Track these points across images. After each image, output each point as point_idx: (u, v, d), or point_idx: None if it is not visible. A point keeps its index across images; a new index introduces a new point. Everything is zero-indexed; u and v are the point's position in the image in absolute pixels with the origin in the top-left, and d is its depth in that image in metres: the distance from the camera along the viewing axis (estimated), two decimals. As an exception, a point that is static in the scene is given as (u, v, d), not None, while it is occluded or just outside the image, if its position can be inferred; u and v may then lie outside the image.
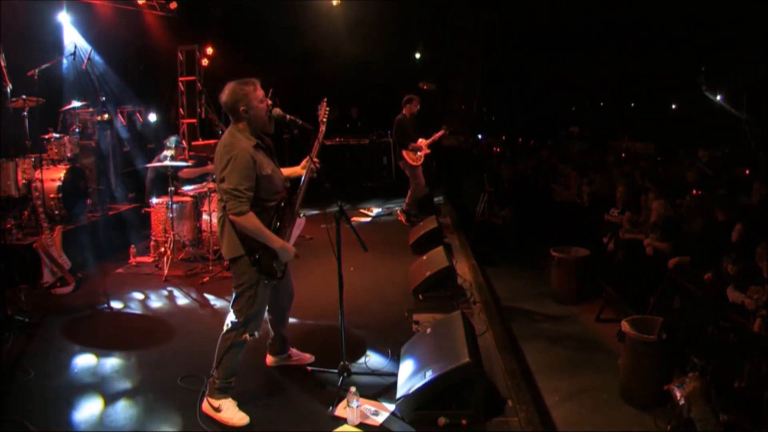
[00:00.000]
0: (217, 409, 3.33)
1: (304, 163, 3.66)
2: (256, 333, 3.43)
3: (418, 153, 7.97)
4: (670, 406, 3.92)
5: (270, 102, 3.36)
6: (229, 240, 3.27)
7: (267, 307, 3.62)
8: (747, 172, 8.47)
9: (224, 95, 3.26)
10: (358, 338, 4.31)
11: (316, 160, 3.56)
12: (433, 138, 8.10)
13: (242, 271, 3.29)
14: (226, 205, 3.15)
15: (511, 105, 17.39)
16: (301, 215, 3.56)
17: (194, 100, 10.28)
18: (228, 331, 3.36)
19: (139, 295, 5.47)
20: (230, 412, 3.33)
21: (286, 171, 3.60)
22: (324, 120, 3.73)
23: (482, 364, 3.52)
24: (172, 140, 7.14)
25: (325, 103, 3.72)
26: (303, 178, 3.58)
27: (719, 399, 3.61)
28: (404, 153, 8.00)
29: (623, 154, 11.88)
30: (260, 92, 3.30)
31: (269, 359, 4.00)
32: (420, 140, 8.04)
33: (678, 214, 6.87)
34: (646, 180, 8.37)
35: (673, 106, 16.25)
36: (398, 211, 8.43)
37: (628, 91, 16.06)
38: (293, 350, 4.04)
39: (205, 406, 3.38)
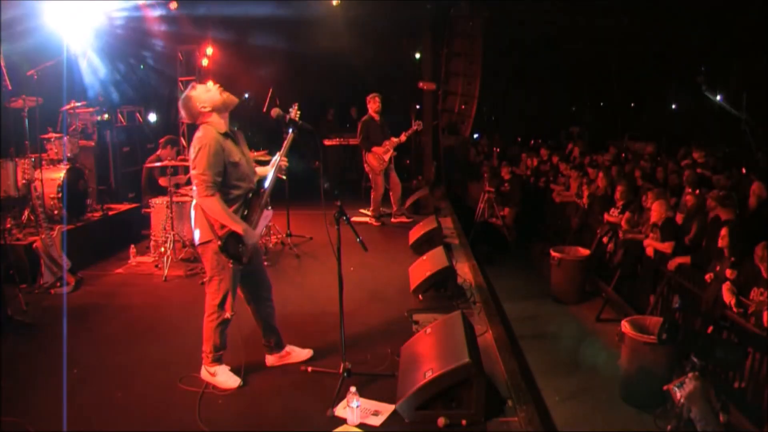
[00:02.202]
0: (213, 374, 3.71)
1: (272, 163, 3.82)
2: (233, 313, 3.70)
3: (383, 157, 7.92)
4: (670, 406, 3.92)
5: (218, 84, 3.62)
6: (200, 226, 3.52)
7: (247, 297, 3.85)
8: (744, 171, 8.47)
9: (183, 113, 3.57)
10: (358, 338, 4.31)
11: (284, 158, 3.77)
12: (404, 135, 8.01)
13: (210, 256, 3.54)
14: (195, 189, 3.40)
15: (511, 105, 17.38)
16: (269, 208, 3.75)
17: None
18: (209, 314, 3.66)
19: (139, 295, 5.47)
20: (224, 375, 3.72)
21: (258, 169, 3.79)
22: (296, 119, 3.89)
23: (482, 364, 3.52)
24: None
25: (296, 108, 3.89)
26: (271, 174, 3.73)
27: (719, 399, 3.61)
28: (367, 156, 7.97)
29: (623, 154, 11.87)
30: (201, 86, 3.57)
31: (268, 360, 4.01)
32: (391, 139, 7.98)
33: (680, 214, 6.88)
34: (646, 180, 8.37)
35: (673, 106, 16.24)
36: (370, 216, 8.34)
37: (628, 91, 16.05)
38: (290, 346, 4.07)
39: (203, 373, 3.75)
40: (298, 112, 3.83)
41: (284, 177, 3.81)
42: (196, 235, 3.56)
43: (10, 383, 3.77)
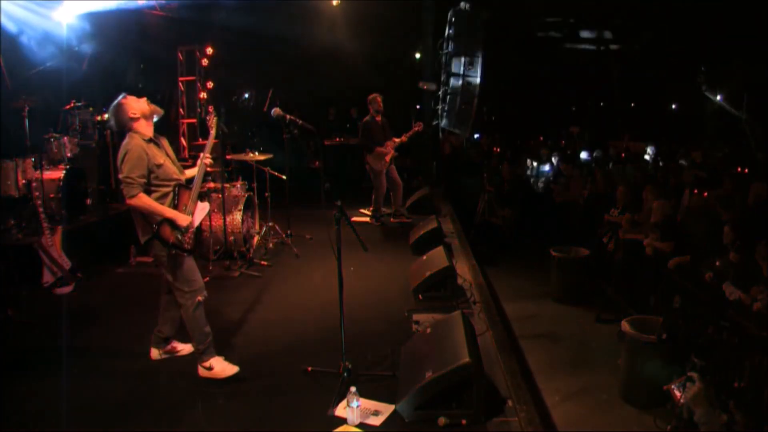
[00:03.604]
0: (209, 368, 3.82)
1: (198, 162, 4.09)
2: (205, 294, 3.87)
3: (384, 158, 7.92)
4: (670, 406, 3.92)
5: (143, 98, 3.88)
6: (140, 226, 3.80)
7: (166, 288, 3.98)
8: (746, 171, 8.47)
9: (112, 121, 3.82)
10: (358, 338, 4.31)
11: (208, 156, 4.05)
12: (405, 136, 8.02)
13: (157, 250, 3.76)
14: (123, 192, 3.66)
15: (511, 105, 17.37)
16: (205, 200, 4.04)
17: (194, 100, 10.28)
18: (184, 306, 3.81)
19: (138, 296, 5.46)
20: (220, 366, 3.84)
21: (189, 171, 4.07)
22: (212, 126, 4.26)
23: (482, 364, 3.52)
24: None
25: (212, 111, 4.29)
26: (198, 171, 4.02)
27: (719, 399, 3.61)
28: (368, 157, 7.97)
29: (623, 154, 11.87)
30: (131, 96, 3.85)
31: (153, 352, 4.13)
32: (393, 139, 7.98)
33: (680, 214, 6.88)
34: (646, 180, 8.37)
35: (673, 106, 16.24)
36: (370, 216, 8.35)
37: (628, 91, 16.05)
38: (176, 342, 4.19)
39: (201, 371, 3.85)
40: (216, 118, 4.21)
41: (209, 169, 4.16)
42: (139, 237, 3.82)
43: (10, 383, 3.78)
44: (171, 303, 4.01)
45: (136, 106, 3.78)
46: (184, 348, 4.18)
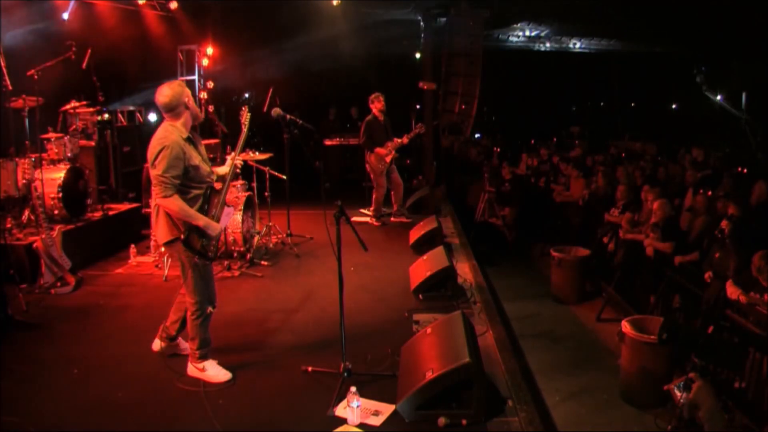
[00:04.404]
0: (202, 370, 3.79)
1: (229, 161, 3.99)
2: (214, 305, 3.83)
3: (385, 159, 7.93)
4: (670, 406, 3.93)
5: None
6: (162, 225, 3.62)
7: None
8: (745, 171, 8.47)
9: (164, 96, 3.58)
10: (358, 338, 4.30)
11: (239, 157, 3.95)
12: (406, 138, 8.02)
13: (179, 255, 3.66)
14: (154, 189, 3.50)
15: (511, 105, 17.38)
16: (230, 206, 3.92)
17: (194, 99, 10.26)
18: (192, 312, 3.74)
19: (139, 295, 5.47)
20: (213, 370, 3.80)
21: (216, 169, 3.94)
22: (246, 123, 4.08)
23: (482, 364, 3.52)
24: None
25: (246, 110, 4.08)
26: (229, 172, 3.91)
27: (719, 399, 3.61)
28: (369, 156, 7.97)
29: (623, 154, 11.87)
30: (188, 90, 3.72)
31: (156, 344, 4.12)
32: (394, 140, 7.99)
33: (684, 213, 6.88)
34: (646, 180, 8.37)
35: (673, 106, 16.25)
36: (370, 216, 8.35)
37: (628, 91, 16.06)
38: (181, 340, 4.15)
39: (191, 370, 3.82)
40: (249, 115, 4.05)
41: (239, 171, 3.99)
42: (160, 235, 3.67)
43: (10, 383, 3.77)
44: (183, 305, 3.94)
45: (188, 99, 3.64)
46: (187, 348, 4.12)
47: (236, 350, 4.24)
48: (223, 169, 3.96)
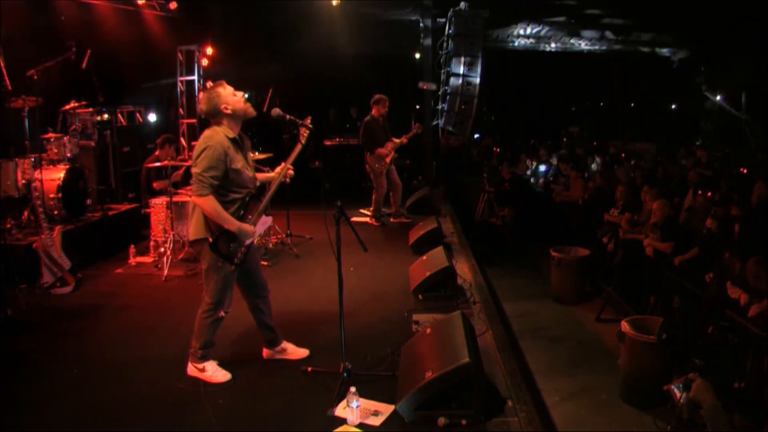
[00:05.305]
0: (202, 370, 3.79)
1: (278, 169, 3.91)
2: (228, 311, 3.80)
3: (385, 159, 7.93)
4: (670, 406, 3.92)
5: (244, 93, 3.71)
6: (194, 223, 3.62)
7: (243, 295, 3.93)
8: (745, 171, 8.48)
9: (201, 104, 3.64)
10: (358, 338, 4.31)
11: (290, 167, 3.85)
12: (405, 138, 8.02)
13: (205, 254, 3.63)
14: (192, 187, 3.51)
15: (511, 105, 17.37)
16: (269, 215, 3.90)
17: (194, 100, 10.27)
18: (204, 311, 3.73)
19: (138, 296, 5.47)
20: (213, 371, 3.80)
21: (261, 175, 3.91)
22: (305, 135, 3.94)
23: (482, 364, 3.52)
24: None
25: (309, 121, 3.92)
26: (274, 180, 3.84)
27: (719, 399, 3.61)
28: (369, 157, 7.97)
29: (623, 154, 11.87)
30: (230, 88, 3.66)
31: (264, 352, 4.10)
32: (393, 140, 7.99)
33: (679, 213, 6.87)
34: (646, 180, 8.37)
35: (673, 106, 16.24)
36: (370, 216, 8.36)
37: (628, 91, 16.05)
38: (288, 344, 4.11)
39: (191, 369, 3.82)
40: (311, 127, 3.89)
41: (288, 181, 3.87)
42: (190, 232, 3.68)
43: (10, 383, 3.78)
44: (254, 309, 3.96)
45: (231, 100, 3.59)
46: (296, 352, 4.09)
47: (236, 350, 4.24)
48: (269, 176, 3.92)
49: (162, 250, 6.19)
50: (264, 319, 4.00)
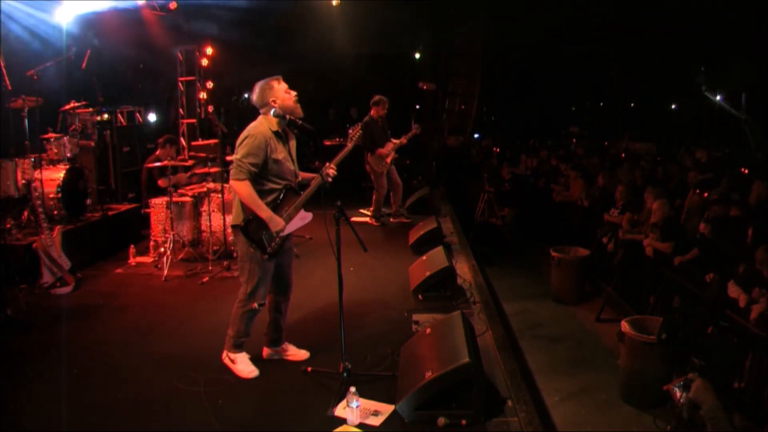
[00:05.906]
0: (233, 361, 3.87)
1: (323, 169, 3.90)
2: (262, 303, 3.84)
3: (385, 159, 7.93)
4: (670, 406, 3.92)
5: (295, 93, 3.80)
6: (234, 209, 3.76)
7: (270, 291, 3.93)
8: (746, 171, 8.47)
9: (253, 95, 3.76)
10: (358, 338, 4.31)
11: (333, 166, 3.85)
12: (405, 138, 8.02)
13: (240, 244, 3.74)
14: (231, 173, 3.61)
15: (511, 105, 17.37)
16: (308, 212, 3.89)
17: (194, 100, 10.27)
18: (239, 300, 3.82)
19: (138, 296, 5.47)
20: (243, 365, 3.87)
21: (304, 174, 3.96)
22: (353, 139, 4.17)
23: (482, 364, 3.52)
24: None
25: (359, 127, 4.16)
26: (315, 178, 3.87)
27: (719, 399, 3.61)
28: (370, 158, 7.97)
29: (623, 154, 11.87)
30: (284, 84, 3.78)
31: (265, 351, 4.09)
32: (392, 141, 7.99)
33: (679, 214, 6.87)
34: (646, 180, 8.37)
35: (673, 106, 16.24)
36: (370, 216, 8.36)
37: (628, 91, 16.04)
38: (289, 345, 4.12)
39: (224, 357, 3.92)
40: (360, 133, 4.10)
41: (330, 180, 3.83)
42: (232, 218, 3.82)
43: (10, 383, 3.78)
44: (274, 307, 3.99)
45: (282, 96, 3.71)
46: (296, 354, 4.10)
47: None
48: (312, 175, 3.92)
49: (162, 250, 6.19)
50: (278, 319, 4.04)
